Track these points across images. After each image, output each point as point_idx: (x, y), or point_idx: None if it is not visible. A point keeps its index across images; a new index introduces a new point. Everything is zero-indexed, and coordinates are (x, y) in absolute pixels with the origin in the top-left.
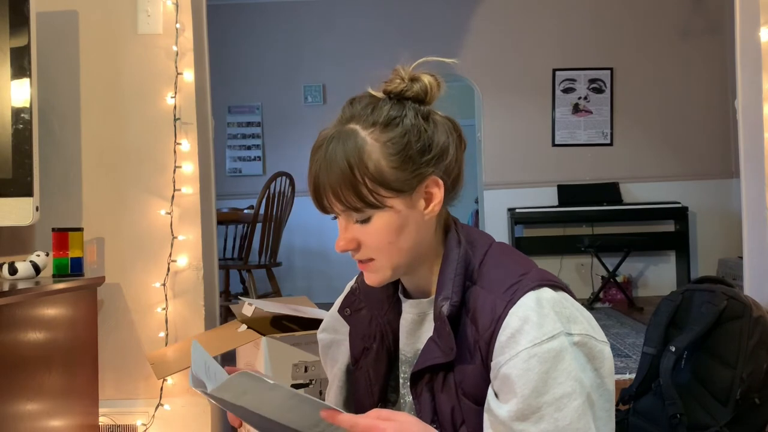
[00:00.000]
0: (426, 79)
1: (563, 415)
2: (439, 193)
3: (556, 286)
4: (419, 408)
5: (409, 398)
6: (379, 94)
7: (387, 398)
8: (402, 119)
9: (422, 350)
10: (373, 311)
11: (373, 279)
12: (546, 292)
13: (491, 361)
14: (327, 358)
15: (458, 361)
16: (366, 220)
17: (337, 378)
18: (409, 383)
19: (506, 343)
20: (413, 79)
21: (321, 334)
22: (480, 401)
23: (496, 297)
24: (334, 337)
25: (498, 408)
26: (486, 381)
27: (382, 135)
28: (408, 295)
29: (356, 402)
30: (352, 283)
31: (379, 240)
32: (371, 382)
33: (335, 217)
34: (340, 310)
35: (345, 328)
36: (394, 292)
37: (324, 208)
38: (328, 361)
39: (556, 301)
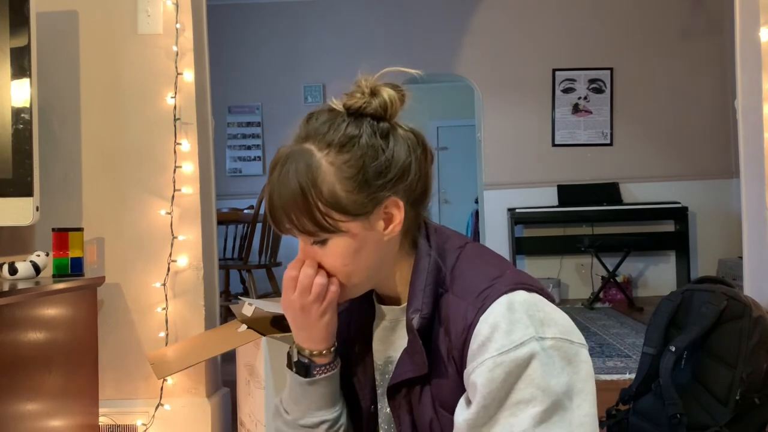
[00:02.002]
0: (386, 93)
1: (518, 421)
2: (398, 215)
3: (531, 288)
4: (399, 421)
5: (382, 406)
6: (339, 107)
7: (376, 399)
8: (358, 139)
9: (397, 363)
10: (352, 315)
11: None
12: (519, 295)
13: (465, 370)
14: None
15: (434, 373)
16: (322, 242)
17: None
18: (380, 391)
19: (477, 351)
20: (374, 93)
21: None
22: None
23: (468, 304)
24: None
25: (458, 414)
26: (462, 390)
27: (338, 157)
28: (382, 301)
29: (348, 403)
30: None
31: (335, 263)
32: (362, 385)
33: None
34: None
35: None
36: (367, 296)
37: (281, 230)
38: None
39: (529, 304)
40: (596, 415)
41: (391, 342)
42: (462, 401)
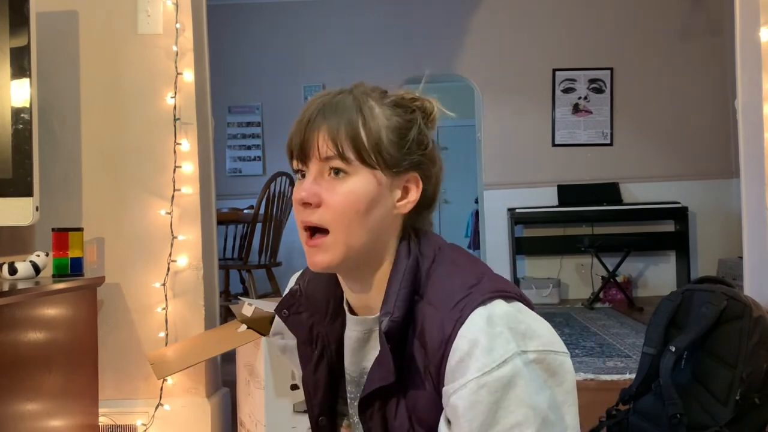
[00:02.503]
0: (435, 103)
1: None
2: (415, 193)
3: (509, 296)
4: None
5: (358, 419)
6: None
7: (337, 411)
8: (410, 111)
9: (369, 374)
10: (315, 317)
11: (321, 259)
12: (498, 306)
13: (443, 386)
14: (288, 361)
15: (409, 386)
16: (343, 174)
17: None
18: (356, 404)
19: (456, 368)
20: (425, 99)
21: (274, 338)
22: (433, 427)
23: (444, 315)
24: (287, 342)
25: None
26: (439, 407)
27: (389, 111)
28: (353, 312)
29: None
30: (291, 283)
31: (347, 204)
32: (311, 394)
33: (298, 172)
34: (277, 310)
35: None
36: (339, 303)
37: (303, 150)
38: (291, 364)
39: (510, 316)
40: (578, 426)
41: (365, 353)
42: (442, 422)
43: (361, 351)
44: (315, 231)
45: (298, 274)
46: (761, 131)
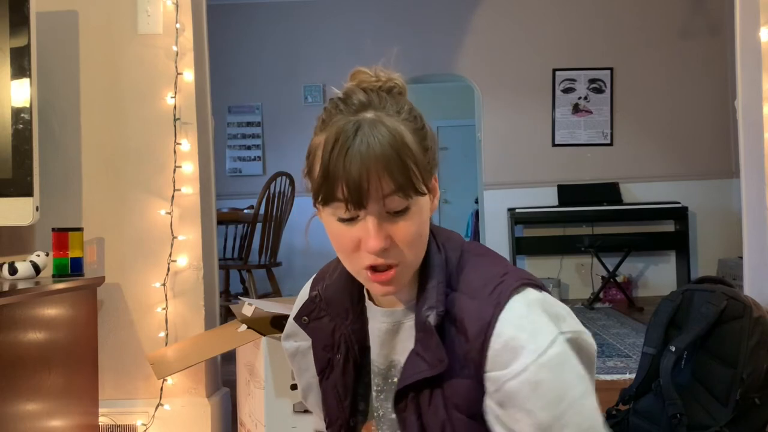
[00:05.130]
0: (398, 78)
1: (584, 417)
2: (437, 190)
3: (535, 285)
4: (404, 425)
5: (384, 412)
6: (371, 82)
7: (357, 408)
8: (409, 109)
9: (405, 365)
10: (337, 320)
11: (393, 288)
12: (531, 293)
13: (485, 372)
14: (294, 365)
15: (447, 374)
16: (403, 211)
17: (315, 384)
18: (383, 396)
19: (502, 352)
20: (390, 77)
21: (285, 342)
22: (474, 415)
23: (481, 303)
24: (299, 345)
25: (516, 423)
26: (478, 392)
27: (406, 123)
28: (375, 304)
29: (326, 414)
30: (306, 289)
31: (413, 233)
32: (341, 398)
33: (349, 220)
34: (297, 318)
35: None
36: (359, 300)
37: (359, 195)
38: (295, 369)
39: (543, 301)
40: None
41: (394, 345)
42: (493, 408)
43: (390, 343)
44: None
45: (310, 282)
46: (761, 131)
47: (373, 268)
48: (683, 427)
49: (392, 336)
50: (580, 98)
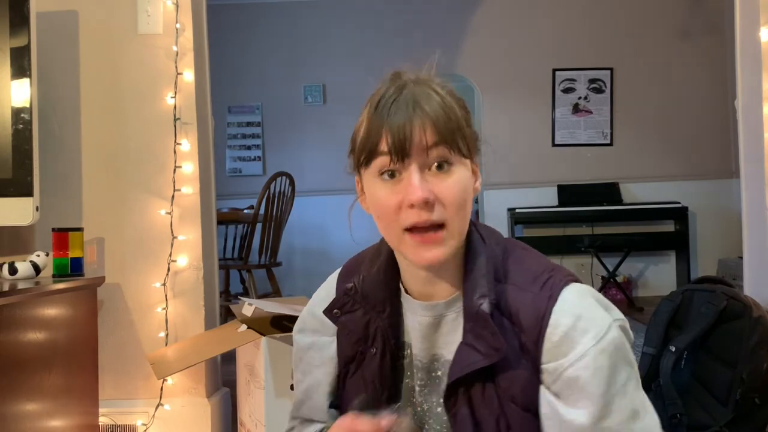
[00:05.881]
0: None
1: (627, 402)
2: (479, 176)
3: (578, 281)
4: (455, 421)
5: (429, 406)
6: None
7: (392, 404)
8: (456, 93)
9: (456, 358)
10: (372, 313)
11: (437, 254)
12: (578, 286)
13: (542, 364)
14: (304, 359)
15: (502, 366)
16: (448, 168)
17: (325, 383)
18: (426, 391)
19: (561, 343)
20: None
21: (299, 335)
22: (529, 407)
23: (534, 295)
24: (316, 339)
25: (571, 414)
26: (536, 386)
27: (455, 98)
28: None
29: (351, 407)
30: (331, 282)
31: (458, 195)
32: (379, 391)
33: (389, 173)
34: (327, 311)
35: (329, 329)
36: (396, 293)
37: (404, 145)
38: (303, 364)
39: (591, 292)
40: None
41: (436, 339)
42: (549, 399)
43: (432, 337)
44: (429, 227)
45: (335, 276)
46: (761, 131)
47: (417, 230)
48: (683, 427)
49: (434, 329)
50: (580, 98)
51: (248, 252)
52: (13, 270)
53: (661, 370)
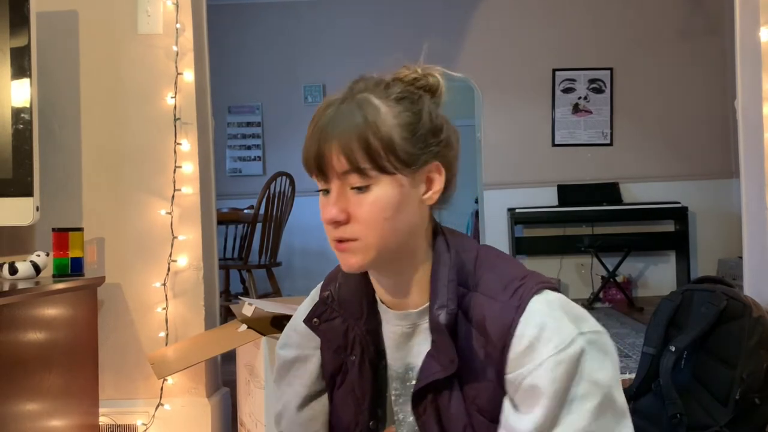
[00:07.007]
0: (439, 75)
1: (578, 418)
2: (439, 181)
3: (553, 287)
4: (424, 428)
5: (404, 416)
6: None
7: (376, 413)
8: (416, 99)
9: (421, 367)
10: (350, 321)
11: (352, 261)
12: (550, 294)
13: (507, 373)
14: (287, 375)
15: (469, 375)
16: (364, 188)
17: (299, 394)
18: (401, 400)
19: (526, 352)
20: (428, 74)
21: (282, 350)
22: (495, 417)
23: (503, 304)
24: (299, 353)
25: (518, 421)
26: (502, 394)
27: (396, 107)
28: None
29: (340, 421)
30: (315, 293)
31: (375, 213)
32: (359, 400)
33: (324, 191)
34: (307, 320)
35: (312, 342)
36: (372, 301)
37: (321, 168)
38: (287, 379)
39: (562, 302)
40: (626, 403)
41: (410, 348)
42: (508, 407)
43: (406, 346)
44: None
45: (319, 285)
46: (761, 131)
47: (339, 241)
48: (683, 427)
49: (407, 339)
50: (580, 98)
51: (248, 252)
52: (13, 270)
53: (661, 370)
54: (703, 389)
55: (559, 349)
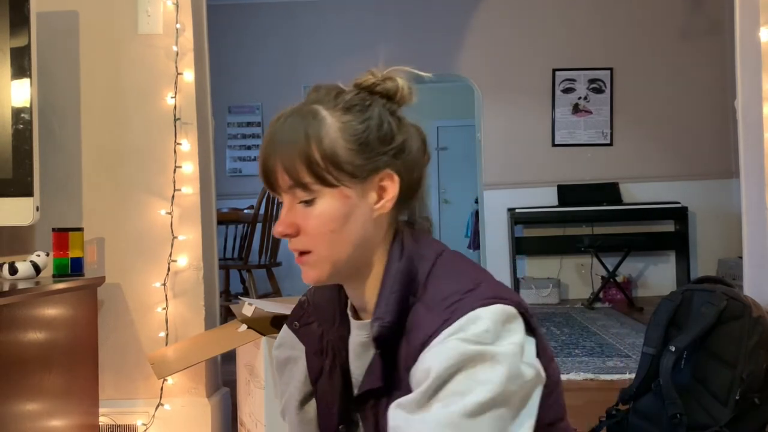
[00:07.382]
0: (400, 81)
1: (447, 417)
2: (392, 189)
3: (506, 303)
4: (366, 431)
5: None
6: (348, 87)
7: (351, 418)
8: (366, 106)
9: (363, 375)
10: (324, 326)
11: (310, 275)
12: (488, 309)
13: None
14: (283, 375)
15: (400, 383)
16: (310, 202)
17: (294, 397)
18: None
19: (432, 346)
20: (386, 78)
21: (277, 350)
22: None
23: (435, 316)
24: (291, 353)
25: (398, 401)
26: None
27: (344, 116)
28: (358, 316)
29: (320, 424)
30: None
31: (320, 226)
32: (329, 404)
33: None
34: (289, 323)
35: (300, 344)
36: (344, 309)
37: (270, 183)
38: (283, 379)
39: (497, 319)
40: None
41: (368, 357)
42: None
43: (365, 355)
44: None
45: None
46: (761, 131)
47: (298, 253)
48: (683, 427)
49: (367, 348)
50: (580, 98)
51: (248, 252)
52: (13, 270)
53: (661, 370)
54: (703, 389)
55: (466, 340)
